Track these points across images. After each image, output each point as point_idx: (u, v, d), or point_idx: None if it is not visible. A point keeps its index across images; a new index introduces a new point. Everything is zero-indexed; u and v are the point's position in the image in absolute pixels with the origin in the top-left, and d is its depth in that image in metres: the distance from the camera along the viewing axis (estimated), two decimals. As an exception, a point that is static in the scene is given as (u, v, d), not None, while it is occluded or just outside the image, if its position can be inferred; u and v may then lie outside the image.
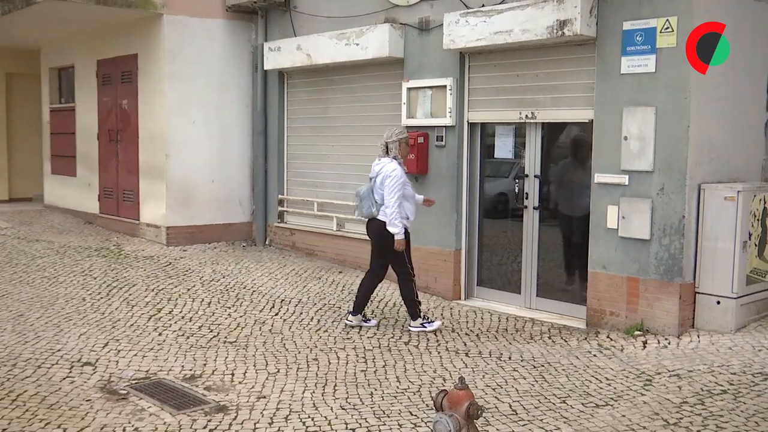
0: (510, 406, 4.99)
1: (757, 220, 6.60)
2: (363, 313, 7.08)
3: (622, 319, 6.72)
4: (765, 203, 6.68)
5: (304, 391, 5.22)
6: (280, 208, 10.68)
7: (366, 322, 7.05)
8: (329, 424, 4.65)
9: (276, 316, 7.29)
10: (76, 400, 4.98)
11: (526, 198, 7.58)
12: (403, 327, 6.98)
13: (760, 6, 7.00)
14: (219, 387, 5.30)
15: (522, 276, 7.70)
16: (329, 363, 5.88)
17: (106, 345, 6.19)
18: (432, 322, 6.95)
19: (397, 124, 8.53)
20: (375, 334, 6.77)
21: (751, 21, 6.94)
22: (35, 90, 14.29)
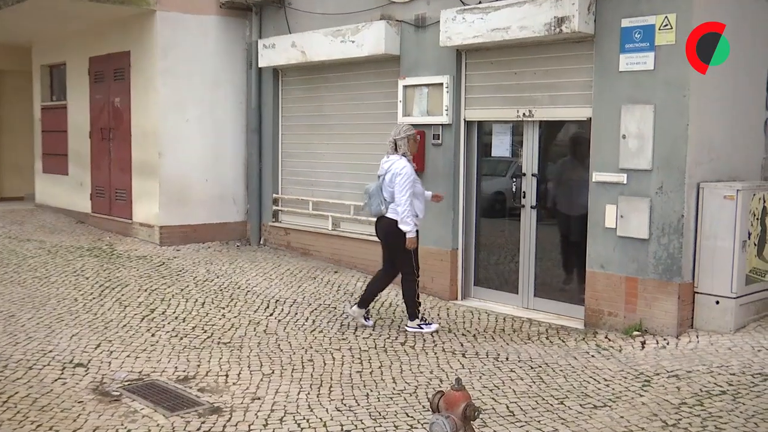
0: (507, 407, 4.97)
1: (757, 219, 6.58)
2: (368, 309, 7.03)
3: (620, 320, 6.70)
4: (764, 202, 6.66)
5: (299, 393, 5.19)
6: (274, 207, 10.65)
7: (365, 319, 6.99)
8: (324, 425, 4.63)
9: (271, 316, 7.26)
10: (68, 401, 4.95)
11: (524, 197, 7.56)
12: (399, 327, 6.96)
13: (760, 5, 6.98)
14: (213, 388, 5.28)
15: (519, 276, 7.68)
16: (324, 364, 5.86)
17: (99, 346, 6.16)
18: (430, 324, 6.93)
19: (393, 123, 8.52)
20: (371, 334, 6.75)
21: (751, 20, 6.93)
22: (26, 87, 14.22)
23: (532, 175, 7.50)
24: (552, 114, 7.27)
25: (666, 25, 6.30)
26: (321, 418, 4.73)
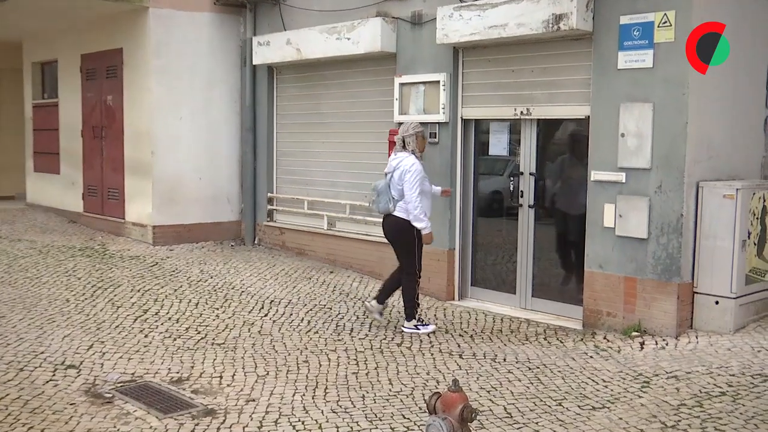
0: (505, 408, 4.95)
1: (757, 218, 6.56)
2: (385, 304, 7.04)
3: (619, 320, 6.68)
4: (764, 201, 6.65)
5: (294, 394, 5.17)
6: (269, 207, 10.61)
7: (380, 315, 7.00)
8: (320, 427, 4.61)
9: (265, 317, 7.23)
10: (60, 404, 4.92)
11: (522, 196, 7.54)
12: (395, 328, 6.94)
13: (760, 4, 6.96)
14: (207, 390, 5.25)
15: (517, 276, 7.66)
16: (320, 365, 5.84)
17: (91, 347, 6.13)
18: (426, 325, 6.91)
19: (389, 121, 8.53)
20: (367, 335, 6.73)
21: (751, 16, 6.91)
22: (17, 85, 14.17)
23: (530, 174, 7.48)
24: (550, 112, 7.24)
25: (665, 22, 6.28)
26: (316, 420, 4.70)
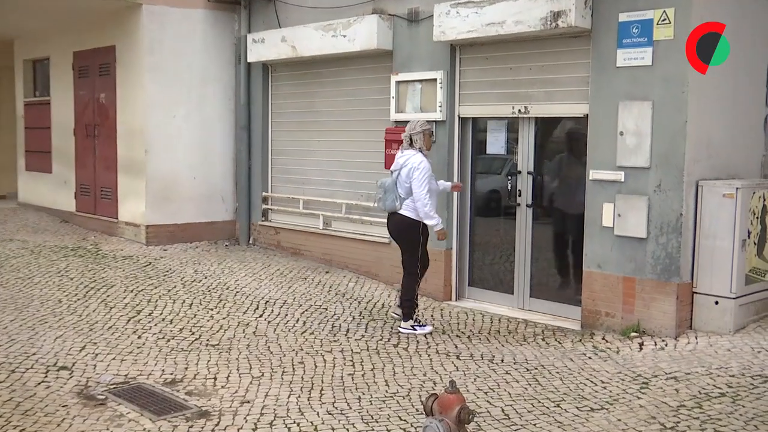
0: (502, 410, 4.93)
1: (757, 217, 6.55)
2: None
3: (617, 320, 6.66)
4: (764, 200, 6.63)
5: (289, 396, 5.15)
6: (264, 206, 10.56)
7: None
8: (315, 429, 4.61)
9: (260, 317, 7.21)
10: (52, 405, 4.90)
11: (519, 195, 7.53)
12: (392, 329, 6.91)
13: (760, 4, 6.95)
14: (201, 392, 5.23)
15: (515, 276, 7.64)
16: (315, 366, 5.82)
17: (83, 348, 6.09)
18: (423, 326, 6.88)
19: (386, 119, 8.52)
20: (363, 336, 6.71)
21: (751, 14, 6.90)
22: (9, 83, 14.10)
23: (528, 173, 7.46)
24: (548, 110, 7.22)
25: (664, 19, 6.27)
26: (312, 422, 4.69)
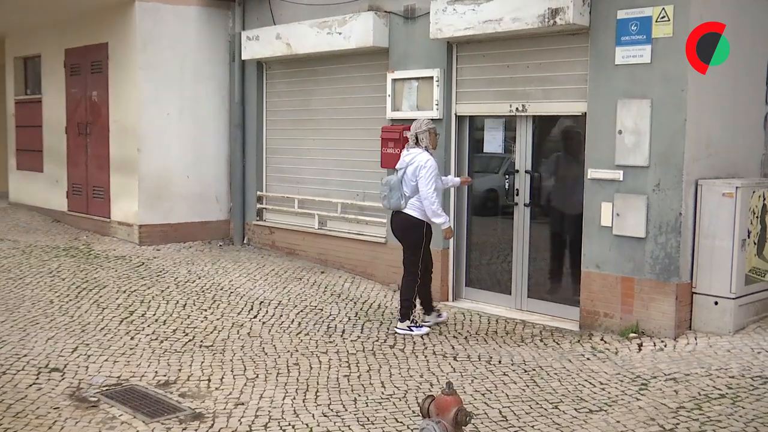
0: (500, 411, 4.92)
1: (757, 217, 6.52)
2: (434, 308, 7.07)
3: (616, 321, 6.64)
4: (764, 200, 6.61)
5: (284, 398, 5.14)
6: (258, 206, 10.52)
7: (439, 316, 7.05)
8: (311, 431, 4.59)
9: (255, 318, 7.19)
10: (44, 408, 4.89)
11: (517, 194, 7.50)
12: (388, 330, 6.88)
13: (760, 2, 6.93)
14: (195, 393, 5.22)
15: (512, 276, 7.61)
16: (311, 368, 5.81)
17: (75, 350, 6.08)
18: (420, 327, 6.85)
19: (382, 118, 8.50)
20: (359, 337, 6.69)
21: (751, 12, 6.87)
22: (-1, 81, 14.03)
23: (526, 172, 7.43)
24: (546, 108, 7.19)
25: (663, 17, 6.24)
26: (307, 424, 4.67)
